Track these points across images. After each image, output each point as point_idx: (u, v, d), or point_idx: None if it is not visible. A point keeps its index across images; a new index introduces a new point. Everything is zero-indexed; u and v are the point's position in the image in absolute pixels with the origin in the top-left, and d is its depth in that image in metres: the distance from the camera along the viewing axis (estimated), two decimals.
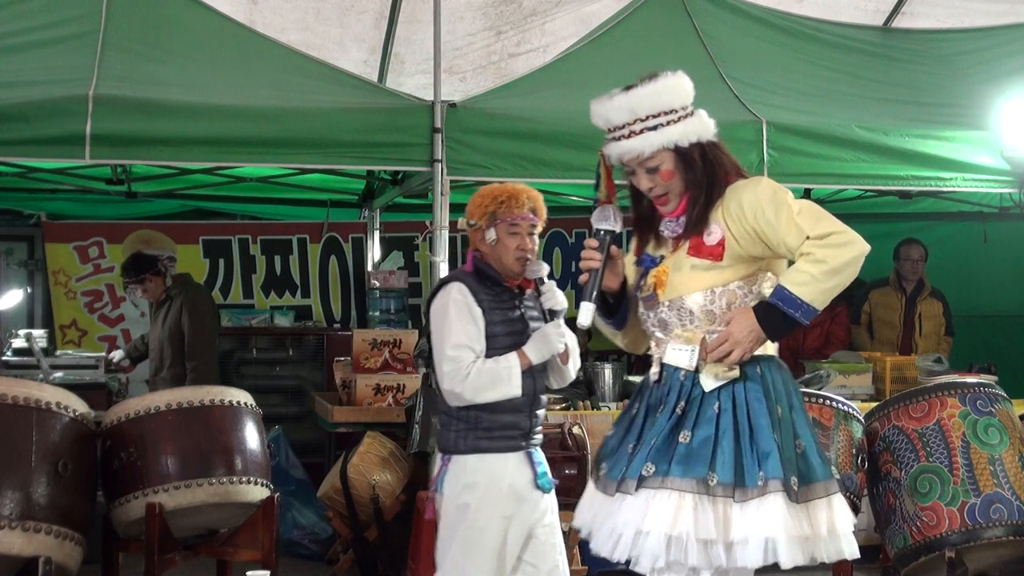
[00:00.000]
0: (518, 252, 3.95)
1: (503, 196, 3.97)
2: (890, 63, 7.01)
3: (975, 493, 4.35)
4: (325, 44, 7.40)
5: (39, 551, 4.19)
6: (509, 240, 3.95)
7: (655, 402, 3.18)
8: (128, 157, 5.78)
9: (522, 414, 3.91)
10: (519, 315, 3.98)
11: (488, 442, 3.85)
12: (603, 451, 3.26)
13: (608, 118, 3.20)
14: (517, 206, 3.95)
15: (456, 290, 3.93)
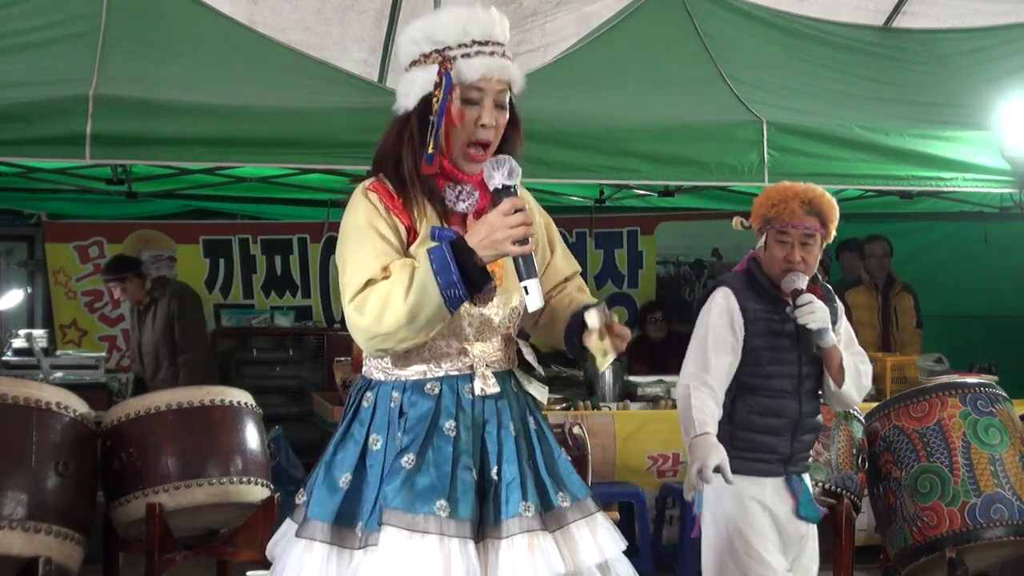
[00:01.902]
0: (784, 263, 3.56)
1: (776, 199, 3.58)
2: (890, 63, 7.01)
3: (976, 493, 4.35)
4: (325, 44, 7.40)
5: (39, 551, 4.18)
6: (777, 249, 3.58)
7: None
8: (128, 157, 5.78)
9: (781, 438, 3.58)
10: (792, 329, 3.57)
11: (741, 462, 3.49)
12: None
13: (489, 28, 2.66)
14: (788, 212, 3.54)
15: (722, 296, 3.58)
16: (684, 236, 9.19)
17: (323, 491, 2.59)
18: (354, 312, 2.46)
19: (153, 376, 7.02)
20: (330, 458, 2.64)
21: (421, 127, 2.61)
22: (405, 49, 2.65)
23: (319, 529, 2.54)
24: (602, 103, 5.97)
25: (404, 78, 2.65)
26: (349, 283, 2.49)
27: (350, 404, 2.68)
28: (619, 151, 5.75)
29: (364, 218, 2.57)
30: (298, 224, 8.89)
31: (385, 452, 2.56)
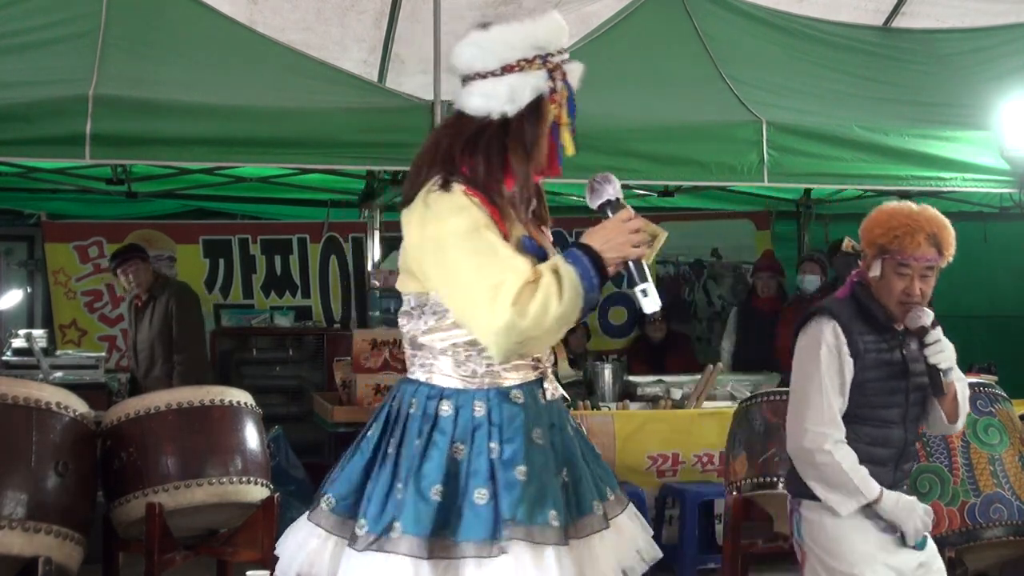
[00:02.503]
0: (902, 296, 3.33)
1: (900, 230, 3.33)
2: (890, 63, 7.01)
3: (975, 493, 4.35)
4: (325, 44, 7.40)
5: (39, 551, 4.18)
6: (895, 281, 3.34)
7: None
8: (128, 157, 5.79)
9: (885, 468, 3.39)
10: (900, 358, 3.38)
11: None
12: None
13: (564, 35, 2.66)
14: (913, 244, 3.31)
15: (830, 332, 3.34)
16: (684, 236, 9.18)
17: (416, 504, 2.48)
18: (515, 315, 2.40)
19: (146, 374, 7.02)
20: (416, 470, 2.52)
21: (528, 131, 2.60)
22: (495, 52, 2.58)
23: (416, 544, 2.47)
24: (602, 103, 5.97)
25: (491, 82, 2.59)
26: (500, 283, 2.42)
27: (419, 413, 2.58)
28: (619, 151, 5.75)
29: (477, 220, 2.50)
30: (298, 224, 8.89)
31: (470, 461, 2.52)
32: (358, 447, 2.65)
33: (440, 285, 2.52)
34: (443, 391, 2.58)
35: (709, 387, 6.47)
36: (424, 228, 2.52)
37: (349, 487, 2.58)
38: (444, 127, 2.70)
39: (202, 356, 7.26)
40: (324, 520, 2.58)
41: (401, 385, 2.66)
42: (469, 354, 2.57)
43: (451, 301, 2.52)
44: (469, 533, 2.46)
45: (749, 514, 5.04)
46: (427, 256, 2.52)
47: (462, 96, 2.63)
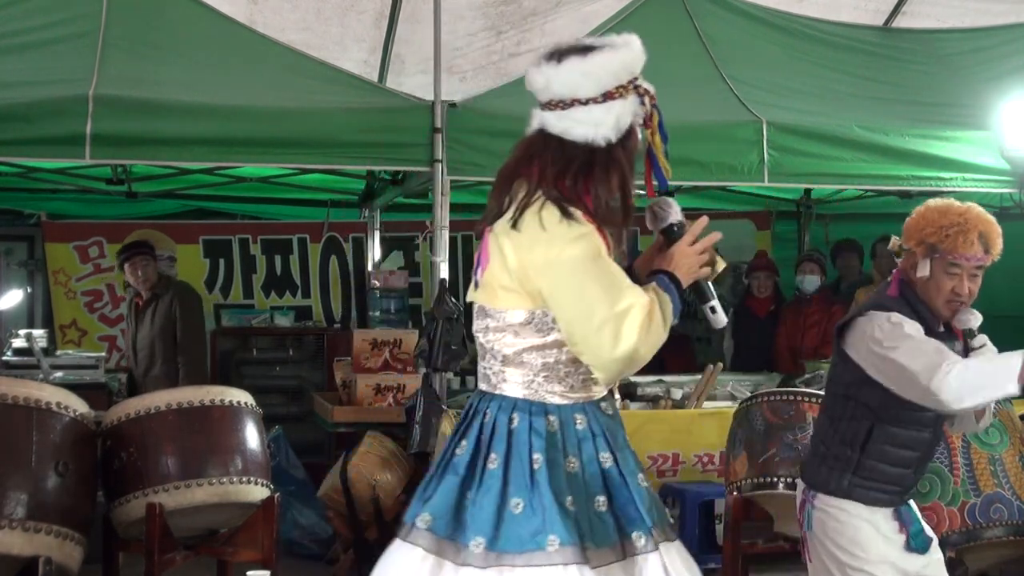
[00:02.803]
0: (951, 295, 3.28)
1: (951, 229, 3.28)
2: (890, 63, 7.01)
3: (975, 493, 4.35)
4: (325, 44, 7.40)
5: (39, 551, 4.18)
6: (945, 280, 3.28)
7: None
8: (128, 157, 5.79)
9: (909, 470, 3.36)
10: None
11: (862, 491, 3.32)
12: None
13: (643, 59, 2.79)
14: (965, 244, 3.27)
15: (898, 316, 3.25)
16: None
17: (562, 517, 2.54)
18: (639, 342, 2.53)
19: (145, 373, 7.01)
20: (546, 484, 2.57)
21: (627, 156, 2.67)
22: (598, 80, 2.63)
23: (573, 552, 2.53)
24: None
25: (595, 109, 2.63)
26: (628, 309, 2.52)
27: (526, 428, 2.62)
28: None
29: (599, 248, 2.58)
30: (298, 224, 8.89)
31: (582, 472, 2.61)
32: (448, 465, 2.65)
33: (559, 307, 2.57)
34: (546, 407, 2.64)
35: (709, 387, 6.46)
36: (539, 250, 2.56)
37: (445, 506, 2.59)
38: (544, 150, 2.67)
39: (204, 357, 7.27)
40: (422, 540, 2.59)
41: (489, 401, 2.69)
42: (568, 371, 2.64)
43: (570, 324, 2.56)
44: (603, 539, 2.55)
45: (749, 514, 5.04)
46: (546, 278, 2.56)
47: (556, 121, 2.65)
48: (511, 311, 2.64)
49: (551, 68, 2.64)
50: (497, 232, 2.65)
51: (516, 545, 2.51)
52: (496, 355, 2.68)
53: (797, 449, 4.74)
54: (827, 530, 3.38)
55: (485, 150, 5.64)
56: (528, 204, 2.60)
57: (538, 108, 2.69)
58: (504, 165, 2.73)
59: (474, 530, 2.54)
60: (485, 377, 2.73)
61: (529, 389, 2.65)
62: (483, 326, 2.70)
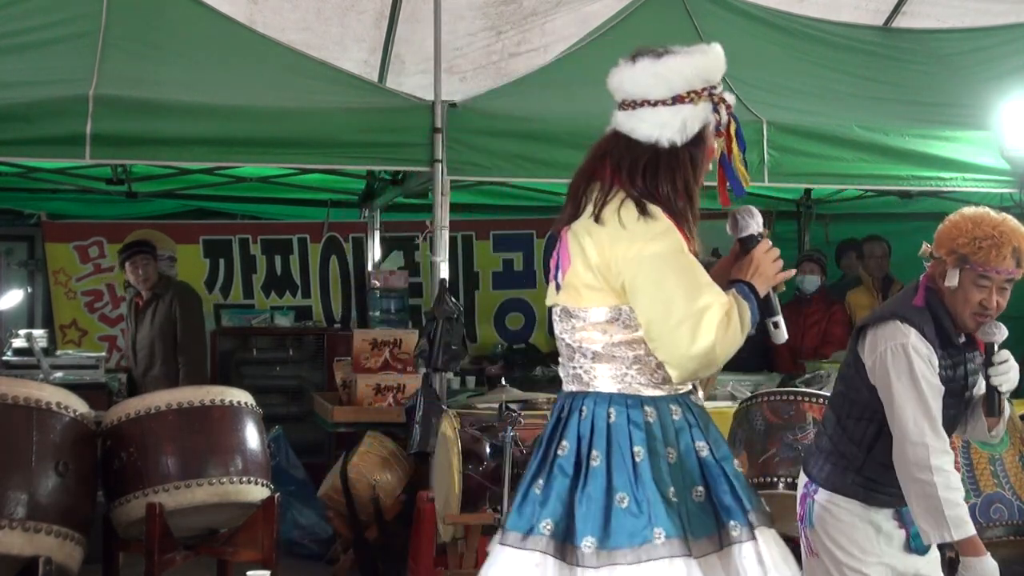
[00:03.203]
0: (979, 308, 3.22)
1: (985, 241, 3.18)
2: (890, 63, 7.01)
3: (975, 493, 4.35)
4: (325, 44, 7.40)
5: (39, 551, 4.19)
6: (973, 292, 3.21)
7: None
8: (128, 157, 5.79)
9: None
10: (962, 375, 3.30)
11: (863, 490, 3.32)
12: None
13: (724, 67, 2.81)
14: (998, 258, 3.17)
15: (919, 340, 3.21)
16: None
17: (666, 509, 2.57)
18: (716, 341, 2.55)
19: (145, 373, 7.01)
20: (649, 477, 2.60)
21: (694, 160, 2.72)
22: (669, 83, 2.69)
23: (679, 545, 2.56)
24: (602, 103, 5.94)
25: (663, 111, 2.70)
26: (706, 307, 2.56)
27: (624, 422, 2.64)
28: None
29: (680, 244, 2.63)
30: (298, 224, 8.88)
31: (680, 462, 2.65)
32: (554, 467, 2.66)
33: (639, 302, 2.61)
34: (642, 399, 2.67)
35: (709, 387, 6.46)
36: (621, 246, 2.60)
37: (563, 509, 2.61)
38: (614, 148, 2.75)
39: (204, 357, 7.27)
40: (543, 545, 2.60)
41: (584, 399, 2.69)
42: (660, 362, 2.65)
43: (650, 319, 2.60)
44: (702, 529, 2.58)
45: None
46: (628, 274, 2.59)
47: (625, 120, 2.75)
48: (596, 308, 2.66)
49: (626, 68, 2.75)
50: (577, 232, 2.69)
51: (625, 541, 2.54)
52: (586, 353, 2.70)
53: (797, 449, 4.73)
54: (826, 526, 3.37)
55: (485, 150, 5.64)
56: (606, 202, 2.65)
57: (616, 108, 2.78)
58: (580, 166, 2.80)
59: (584, 530, 2.56)
60: (576, 377, 2.73)
61: (623, 383, 2.67)
62: (569, 327, 2.72)
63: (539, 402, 5.94)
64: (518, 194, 8.15)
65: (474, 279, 8.97)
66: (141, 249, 7.02)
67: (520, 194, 8.15)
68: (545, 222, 9.00)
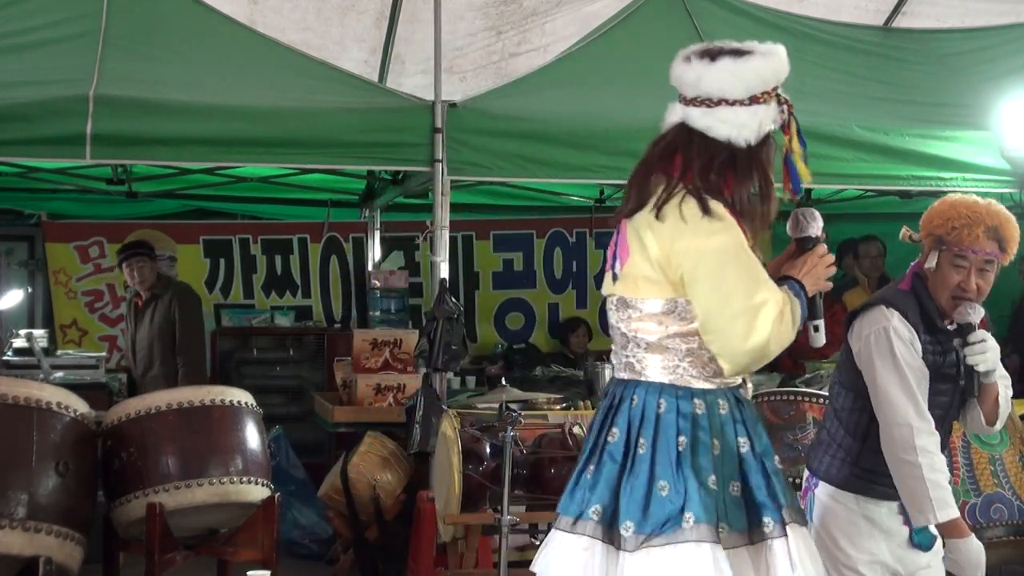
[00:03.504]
0: (957, 290, 3.25)
1: (959, 221, 3.24)
2: (890, 63, 7.01)
3: (975, 493, 4.35)
4: (325, 44, 7.40)
5: (40, 551, 4.19)
6: (951, 274, 3.26)
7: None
8: (128, 157, 5.79)
9: None
10: (952, 361, 3.31)
11: (862, 482, 3.32)
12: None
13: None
14: (971, 237, 3.22)
15: (901, 324, 3.27)
16: None
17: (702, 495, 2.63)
18: (771, 336, 2.62)
19: (144, 373, 7.01)
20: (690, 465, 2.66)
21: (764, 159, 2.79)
22: (747, 83, 2.74)
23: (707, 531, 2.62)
24: (602, 103, 5.97)
25: (741, 111, 2.74)
26: (763, 302, 2.63)
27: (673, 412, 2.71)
28: (619, 151, 5.74)
29: (741, 240, 2.68)
30: (298, 224, 8.88)
31: (722, 455, 2.70)
32: (604, 453, 2.73)
33: (698, 295, 2.67)
34: (692, 391, 2.73)
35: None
36: (682, 240, 2.65)
37: (610, 494, 2.69)
38: (685, 145, 2.77)
39: (203, 357, 7.27)
40: (591, 529, 2.68)
41: (635, 387, 2.76)
42: (711, 356, 2.72)
43: (707, 311, 2.66)
44: (736, 523, 2.66)
45: None
46: (688, 267, 2.65)
47: (700, 117, 2.76)
48: (653, 300, 2.72)
49: (703, 65, 2.74)
50: (637, 225, 2.75)
51: (659, 526, 2.61)
52: (640, 343, 2.76)
53: (797, 449, 4.74)
54: (825, 521, 3.38)
55: (485, 150, 5.64)
56: (669, 197, 2.69)
57: (679, 103, 2.82)
58: (642, 159, 2.85)
59: (625, 515, 2.63)
60: (628, 366, 2.80)
61: (674, 374, 2.73)
62: (624, 316, 2.78)
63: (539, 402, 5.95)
64: (518, 194, 8.15)
65: (474, 279, 8.98)
66: (137, 251, 7.01)
67: (520, 194, 8.15)
68: (545, 222, 9.01)
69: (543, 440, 5.20)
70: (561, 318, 8.88)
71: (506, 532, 4.44)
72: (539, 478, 5.08)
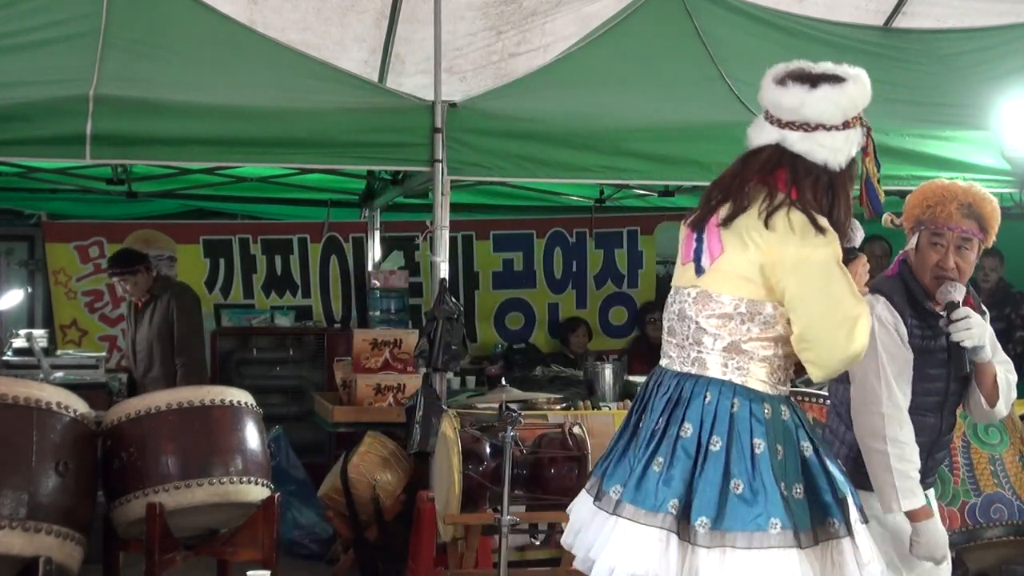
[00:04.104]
0: (936, 270, 3.32)
1: (932, 199, 3.35)
2: (890, 63, 7.00)
3: (975, 493, 4.35)
4: (325, 44, 7.40)
5: (40, 551, 4.19)
6: (930, 253, 3.34)
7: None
8: (128, 157, 5.79)
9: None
10: (943, 346, 3.35)
11: (866, 478, 3.30)
12: None
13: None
14: (944, 214, 3.31)
15: (885, 309, 3.34)
16: None
17: (782, 501, 2.72)
18: (862, 347, 2.76)
19: (144, 374, 7.00)
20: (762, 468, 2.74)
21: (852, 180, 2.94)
22: (843, 109, 2.85)
23: (789, 536, 2.70)
24: (602, 103, 5.97)
25: (836, 136, 2.86)
26: (861, 313, 2.77)
27: (746, 414, 2.78)
28: (619, 151, 5.75)
29: (839, 255, 2.82)
30: (298, 224, 8.88)
31: (785, 459, 2.78)
32: (678, 447, 2.78)
33: (803, 303, 2.77)
34: (762, 395, 2.82)
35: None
36: (791, 249, 2.77)
37: (684, 489, 2.75)
38: (788, 164, 2.87)
39: (203, 357, 7.27)
40: (668, 523, 2.74)
41: (707, 385, 2.83)
42: (781, 364, 2.85)
43: (810, 320, 2.77)
44: (802, 523, 2.71)
45: None
46: (796, 276, 2.77)
47: (799, 141, 2.87)
48: (741, 300, 2.81)
49: (804, 91, 2.87)
50: (740, 227, 2.82)
51: (738, 525, 2.68)
52: (715, 339, 2.83)
53: None
54: None
55: (485, 150, 5.64)
56: (778, 208, 2.80)
57: (772, 124, 2.93)
58: (736, 169, 2.95)
59: (699, 510, 2.70)
60: (696, 360, 2.87)
61: (746, 377, 2.82)
62: (705, 311, 2.85)
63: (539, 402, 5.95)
64: (518, 194, 8.15)
65: (474, 279, 8.98)
66: (126, 269, 6.92)
67: (520, 194, 8.15)
68: (545, 222, 9.02)
69: (543, 440, 5.20)
70: (561, 318, 8.89)
71: (506, 532, 4.44)
72: (539, 478, 5.08)
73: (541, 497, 5.05)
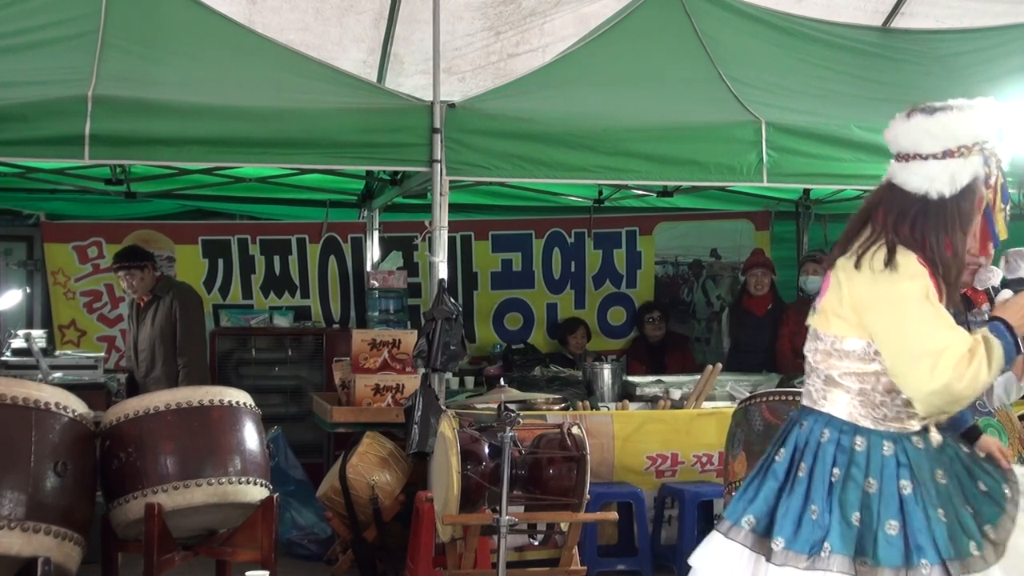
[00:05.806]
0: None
1: None
2: (890, 63, 7.01)
3: None
4: (324, 44, 7.40)
5: (38, 551, 4.19)
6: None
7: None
8: (127, 157, 5.78)
9: None
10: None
11: None
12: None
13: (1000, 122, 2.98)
14: None
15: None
16: (683, 236, 9.17)
17: (842, 528, 2.79)
18: (953, 379, 2.71)
19: (147, 374, 7.00)
20: (837, 497, 2.82)
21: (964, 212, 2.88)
22: (939, 139, 2.85)
23: (846, 563, 2.76)
24: (601, 103, 5.98)
25: (933, 165, 2.86)
26: (946, 347, 2.73)
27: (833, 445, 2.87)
28: (618, 151, 5.75)
29: (928, 288, 2.80)
30: (297, 224, 8.88)
31: (881, 495, 2.82)
32: (769, 470, 2.94)
33: (884, 339, 2.82)
34: (856, 428, 2.89)
35: (708, 387, 6.47)
36: (872, 287, 2.83)
37: (766, 508, 2.88)
38: (887, 197, 2.93)
39: (204, 357, 7.26)
40: (744, 538, 2.88)
41: (808, 415, 2.96)
42: (883, 400, 2.87)
43: (892, 355, 2.81)
44: (887, 559, 2.75)
45: None
46: (875, 311, 2.83)
47: (898, 171, 2.92)
48: (840, 338, 2.90)
49: (901, 122, 2.93)
50: (838, 268, 2.94)
51: (805, 548, 2.79)
52: (820, 375, 2.95)
53: None
54: None
55: (484, 150, 5.65)
56: (869, 247, 2.87)
57: (892, 159, 2.97)
58: (862, 207, 3.02)
59: (779, 531, 2.82)
60: (808, 393, 3.01)
61: (845, 410, 2.90)
62: (813, 347, 2.99)
63: (538, 402, 5.96)
64: (517, 194, 8.15)
65: (473, 279, 8.97)
66: (132, 264, 6.94)
67: (519, 194, 8.15)
68: (544, 222, 9.02)
69: (542, 440, 5.20)
70: (560, 318, 8.89)
71: (504, 532, 4.44)
72: (537, 478, 5.08)
73: (540, 497, 5.05)
